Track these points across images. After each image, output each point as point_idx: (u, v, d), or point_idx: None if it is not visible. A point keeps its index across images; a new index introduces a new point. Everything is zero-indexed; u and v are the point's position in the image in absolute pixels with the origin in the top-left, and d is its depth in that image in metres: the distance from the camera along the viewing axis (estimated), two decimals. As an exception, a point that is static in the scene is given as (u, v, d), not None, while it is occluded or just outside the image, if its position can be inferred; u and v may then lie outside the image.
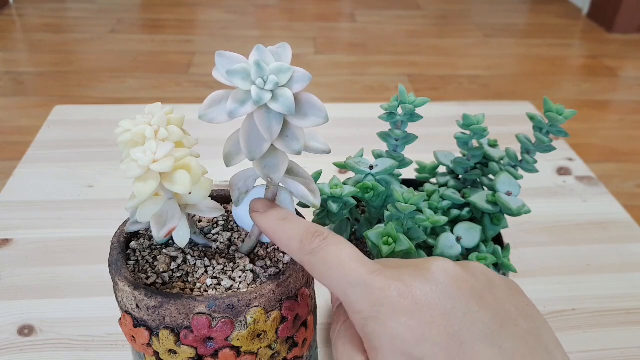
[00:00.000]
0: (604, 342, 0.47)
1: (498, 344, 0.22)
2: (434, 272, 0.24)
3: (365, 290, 0.23)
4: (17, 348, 0.44)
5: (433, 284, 0.23)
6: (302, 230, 0.26)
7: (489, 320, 0.22)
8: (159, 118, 0.26)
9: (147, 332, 0.28)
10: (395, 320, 0.22)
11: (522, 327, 0.23)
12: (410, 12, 2.02)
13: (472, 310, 0.22)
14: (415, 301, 0.22)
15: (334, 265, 0.24)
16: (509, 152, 0.39)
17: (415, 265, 0.25)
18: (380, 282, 0.23)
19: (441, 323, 0.22)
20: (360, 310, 0.23)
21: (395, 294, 0.22)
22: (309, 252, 0.25)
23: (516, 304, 0.24)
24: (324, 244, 0.25)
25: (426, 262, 0.25)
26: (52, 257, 0.54)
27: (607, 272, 0.55)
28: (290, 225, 0.27)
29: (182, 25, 1.80)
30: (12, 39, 1.64)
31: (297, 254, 0.26)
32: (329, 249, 0.25)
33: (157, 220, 0.27)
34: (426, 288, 0.23)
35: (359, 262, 0.24)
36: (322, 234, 0.26)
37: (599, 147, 1.18)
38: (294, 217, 0.28)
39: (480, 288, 0.24)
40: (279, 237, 0.27)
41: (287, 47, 0.25)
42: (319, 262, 0.25)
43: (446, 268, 0.24)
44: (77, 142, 0.72)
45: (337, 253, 0.25)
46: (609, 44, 1.79)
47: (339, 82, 1.46)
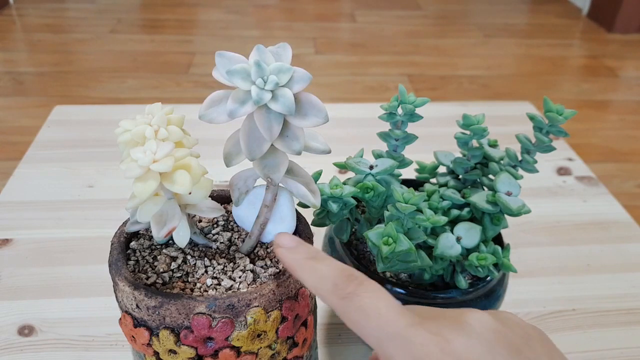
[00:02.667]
0: (604, 342, 0.47)
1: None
2: (473, 325, 0.23)
3: (405, 345, 0.22)
4: (17, 348, 0.44)
5: (474, 338, 0.23)
6: (335, 272, 0.25)
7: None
8: (159, 118, 0.26)
9: (147, 332, 0.28)
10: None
11: None
12: (410, 12, 2.02)
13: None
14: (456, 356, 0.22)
15: (371, 314, 0.23)
16: (509, 152, 0.39)
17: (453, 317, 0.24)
18: (421, 336, 0.22)
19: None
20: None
21: (437, 350, 0.22)
22: (344, 297, 0.24)
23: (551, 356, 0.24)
24: (360, 290, 0.24)
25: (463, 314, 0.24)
26: (52, 257, 0.54)
27: (607, 272, 0.55)
28: (322, 266, 0.26)
29: (182, 25, 1.80)
30: (12, 39, 1.64)
31: (329, 297, 0.25)
32: (365, 296, 0.24)
33: (157, 220, 0.27)
34: (467, 343, 0.22)
35: (397, 313, 0.23)
36: (357, 278, 0.25)
37: (599, 147, 1.18)
38: (325, 256, 0.27)
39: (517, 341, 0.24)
40: (308, 277, 0.26)
41: (287, 47, 0.25)
42: (355, 309, 0.24)
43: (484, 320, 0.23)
44: (77, 142, 0.72)
45: (375, 301, 0.24)
46: (609, 44, 1.79)
47: (339, 82, 1.46)
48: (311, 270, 0.26)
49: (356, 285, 0.24)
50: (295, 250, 0.27)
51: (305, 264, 0.26)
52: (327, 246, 0.42)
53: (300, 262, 0.26)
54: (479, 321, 0.23)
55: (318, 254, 0.27)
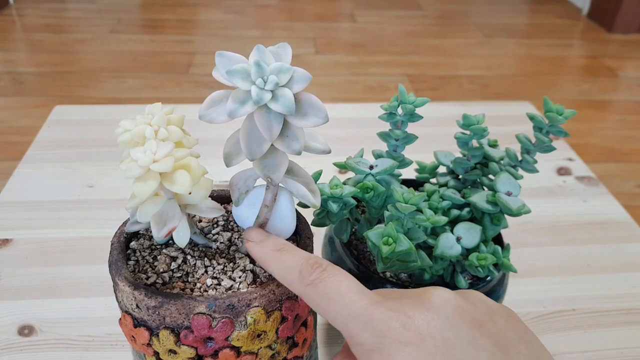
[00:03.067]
0: (604, 342, 0.47)
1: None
2: (434, 301, 0.24)
3: (367, 322, 0.23)
4: (17, 348, 0.44)
5: (435, 313, 0.23)
6: (300, 261, 0.26)
7: (492, 347, 0.23)
8: (159, 118, 0.26)
9: (147, 332, 0.28)
10: (399, 352, 0.22)
11: (523, 354, 0.23)
12: (410, 12, 2.02)
13: (475, 338, 0.23)
14: (418, 332, 0.22)
15: (334, 297, 0.24)
16: (509, 152, 0.39)
17: (416, 295, 0.25)
18: (382, 313, 0.23)
19: (445, 352, 0.22)
20: (362, 342, 0.23)
21: (397, 325, 0.23)
22: (308, 283, 0.25)
23: (516, 331, 0.24)
24: (324, 276, 0.25)
25: (426, 292, 0.25)
26: (52, 257, 0.54)
27: (607, 272, 0.55)
28: (288, 256, 0.27)
29: (182, 25, 1.80)
30: (12, 39, 1.64)
31: (295, 285, 0.26)
32: (328, 281, 0.25)
33: (157, 220, 0.27)
34: (428, 318, 0.23)
35: (359, 294, 0.24)
36: (320, 265, 0.26)
37: (599, 147, 1.18)
38: (290, 247, 0.28)
39: (480, 316, 0.24)
40: (276, 268, 0.27)
41: (287, 47, 0.25)
42: (319, 294, 0.25)
43: (446, 297, 0.24)
44: (77, 142, 0.72)
45: (337, 285, 0.24)
46: (609, 44, 1.79)
47: (339, 82, 1.46)
48: (278, 261, 0.27)
49: (320, 271, 0.25)
50: (263, 244, 0.28)
51: (273, 255, 0.27)
52: (327, 246, 0.42)
53: (267, 254, 0.27)
54: (441, 297, 0.24)
55: (285, 245, 0.28)
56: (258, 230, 0.29)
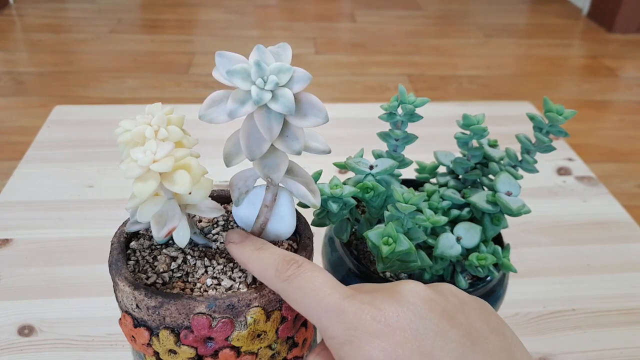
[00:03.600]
0: (604, 342, 0.47)
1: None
2: (405, 294, 0.24)
3: (339, 315, 0.23)
4: (17, 348, 0.44)
5: (405, 306, 0.23)
6: (277, 259, 0.27)
7: (461, 338, 0.23)
8: (159, 118, 0.26)
9: (147, 332, 0.28)
10: (369, 344, 0.22)
11: (494, 344, 0.23)
12: (410, 12, 2.02)
13: (444, 329, 0.23)
14: (387, 323, 0.23)
15: (308, 291, 0.25)
16: (509, 152, 0.39)
17: (387, 289, 0.25)
18: (353, 306, 0.23)
19: (414, 343, 0.22)
20: (334, 335, 0.23)
21: (368, 317, 0.23)
22: (284, 279, 0.26)
23: (487, 322, 0.25)
24: (299, 272, 0.26)
25: (397, 285, 0.25)
26: (52, 257, 0.54)
27: (607, 272, 0.55)
28: (266, 254, 0.27)
29: (182, 25, 1.80)
30: (12, 39, 1.64)
31: (272, 282, 0.26)
32: (304, 276, 0.25)
33: (157, 220, 0.27)
34: (398, 310, 0.23)
35: (332, 288, 0.25)
36: (296, 261, 0.26)
37: (599, 147, 1.18)
38: (269, 246, 0.28)
39: (451, 308, 0.24)
40: (255, 266, 0.27)
41: (287, 47, 0.25)
42: (294, 289, 0.25)
43: (417, 290, 0.24)
44: (77, 142, 0.72)
45: (311, 280, 0.25)
46: (609, 44, 1.79)
47: (339, 82, 1.46)
48: (256, 260, 0.27)
49: (295, 267, 0.26)
50: (243, 244, 0.29)
51: (251, 255, 0.28)
52: (327, 246, 0.42)
53: (246, 254, 0.28)
54: (412, 291, 0.24)
55: (264, 245, 0.28)
56: (238, 232, 0.30)
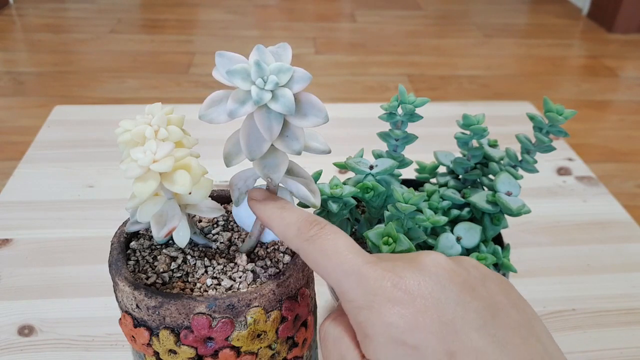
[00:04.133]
0: (604, 342, 0.47)
1: (491, 333, 0.22)
2: (427, 264, 0.24)
3: (360, 280, 0.23)
4: (17, 348, 0.44)
5: (426, 275, 0.23)
6: (300, 218, 0.26)
7: (482, 310, 0.23)
8: (159, 118, 0.26)
9: (147, 332, 0.28)
10: (389, 309, 0.22)
11: (514, 318, 0.23)
12: (410, 12, 2.02)
13: (465, 300, 0.23)
14: (408, 291, 0.23)
15: (330, 253, 0.24)
16: (509, 152, 0.39)
17: (409, 258, 0.25)
18: (375, 272, 0.23)
19: (434, 312, 0.22)
20: (353, 299, 0.23)
21: (389, 284, 0.23)
22: (306, 239, 0.25)
23: (508, 296, 0.25)
24: (322, 233, 0.25)
25: (420, 255, 0.25)
26: (52, 257, 0.54)
27: (607, 272, 0.55)
28: (288, 213, 0.27)
29: (182, 25, 1.80)
30: (12, 39, 1.64)
31: (294, 240, 0.26)
32: (326, 238, 0.25)
33: (157, 220, 0.27)
34: (419, 279, 0.23)
35: (355, 252, 0.24)
36: (319, 223, 0.26)
37: (599, 147, 1.17)
38: (292, 206, 0.28)
39: (472, 280, 0.24)
40: (277, 225, 0.27)
41: (287, 47, 0.25)
42: (315, 250, 0.25)
43: (439, 261, 0.24)
44: (77, 142, 0.72)
45: (334, 242, 0.25)
46: (609, 44, 1.79)
47: (339, 82, 1.46)
48: (279, 218, 0.27)
49: (318, 229, 0.26)
50: (266, 202, 0.28)
51: (274, 213, 0.27)
52: (327, 246, 0.42)
53: (269, 212, 0.28)
54: (434, 261, 0.24)
55: (286, 204, 0.28)
56: (261, 190, 0.29)
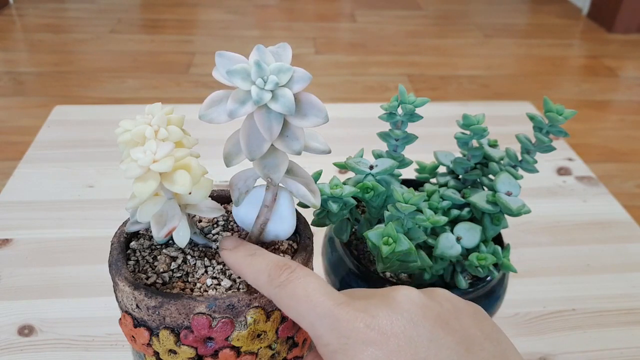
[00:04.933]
0: (604, 342, 0.47)
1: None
2: (399, 301, 0.24)
3: (333, 323, 0.23)
4: (17, 348, 0.44)
5: (398, 313, 0.23)
6: (270, 264, 0.26)
7: (455, 345, 0.23)
8: (159, 118, 0.26)
9: (147, 332, 0.28)
10: (363, 352, 0.22)
11: (489, 351, 0.23)
12: (410, 12, 2.02)
13: (438, 336, 0.23)
14: (381, 331, 0.23)
15: (301, 297, 0.24)
16: (509, 152, 0.39)
17: (381, 295, 0.25)
18: (347, 314, 0.23)
19: (408, 350, 0.22)
20: (328, 343, 0.23)
21: (361, 325, 0.23)
22: (277, 285, 0.25)
23: (482, 328, 0.25)
24: (292, 277, 0.25)
25: (392, 291, 0.25)
26: (52, 257, 0.54)
27: (607, 272, 0.55)
28: (258, 260, 0.27)
29: (182, 25, 1.80)
30: (12, 39, 1.64)
31: (265, 287, 0.26)
32: (296, 282, 0.25)
33: (157, 220, 0.27)
34: (392, 317, 0.23)
35: (325, 295, 0.24)
36: (289, 267, 0.26)
37: (599, 147, 1.18)
38: (262, 252, 0.28)
39: (445, 314, 0.24)
40: (248, 272, 0.27)
41: (287, 47, 0.25)
42: (287, 295, 0.25)
43: (411, 297, 0.24)
44: (77, 142, 0.72)
45: (304, 286, 0.25)
46: (609, 44, 1.79)
47: (339, 82, 1.46)
48: (249, 266, 0.27)
49: (288, 273, 0.25)
50: (236, 250, 0.28)
51: (244, 261, 0.27)
52: (327, 246, 0.42)
53: (239, 261, 0.28)
54: (406, 297, 0.24)
55: (257, 250, 0.28)
56: (232, 239, 0.29)
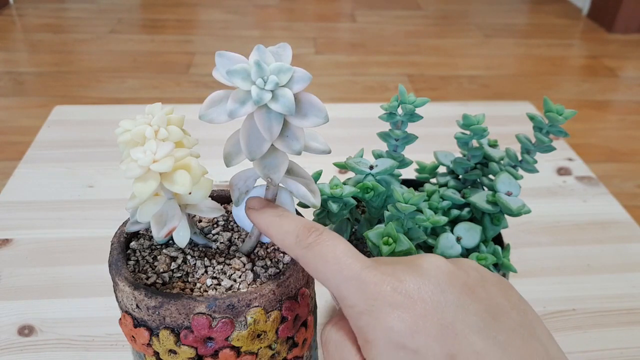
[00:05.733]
0: (604, 342, 0.47)
1: (492, 335, 0.22)
2: (426, 268, 0.24)
3: (359, 285, 0.23)
4: (17, 348, 0.44)
5: (426, 278, 0.23)
6: (298, 226, 0.27)
7: (482, 312, 0.23)
8: (159, 118, 0.26)
9: (147, 332, 0.28)
10: (390, 314, 0.22)
11: (515, 320, 0.23)
12: (410, 12, 2.02)
13: (465, 303, 0.23)
14: (408, 295, 0.23)
15: (329, 259, 0.25)
16: (509, 152, 0.39)
17: (408, 261, 0.25)
18: (374, 277, 0.23)
19: (434, 315, 0.22)
20: (354, 304, 0.23)
21: (388, 288, 0.23)
22: (305, 246, 0.26)
23: (508, 298, 0.25)
24: (320, 239, 0.25)
25: (419, 259, 0.25)
26: (52, 257, 0.54)
27: (607, 272, 0.55)
28: (286, 221, 0.27)
29: (182, 25, 1.80)
30: (12, 39, 1.64)
31: (292, 248, 0.26)
32: (324, 244, 0.25)
33: (157, 220, 0.27)
34: (419, 282, 0.23)
35: (353, 258, 0.24)
36: (317, 229, 0.26)
37: (599, 147, 1.17)
38: (289, 213, 0.28)
39: (472, 283, 0.24)
40: (275, 233, 0.27)
41: (287, 47, 0.25)
42: (314, 256, 0.25)
43: (438, 264, 0.24)
44: (77, 142, 0.72)
45: (332, 248, 0.25)
46: (609, 44, 1.79)
47: (339, 82, 1.46)
48: (277, 226, 0.27)
49: (316, 235, 0.26)
50: (263, 210, 0.28)
51: (272, 221, 0.28)
52: (327, 246, 0.42)
53: (267, 221, 0.28)
54: (433, 264, 0.24)
55: (284, 212, 0.28)
56: (259, 199, 0.30)
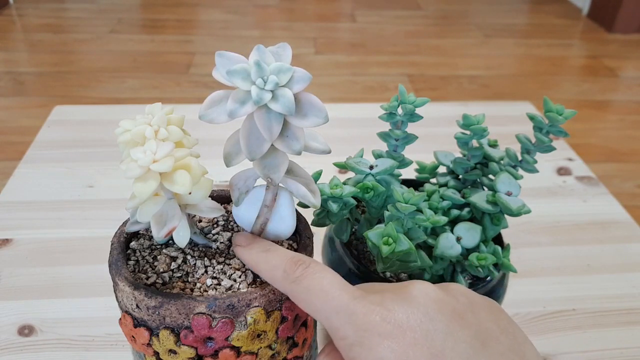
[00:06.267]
0: (604, 342, 0.47)
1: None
2: (415, 295, 0.24)
3: (349, 316, 0.23)
4: (17, 348, 0.44)
5: (414, 306, 0.23)
6: (284, 260, 0.27)
7: (471, 339, 0.23)
8: (159, 118, 0.26)
9: (147, 332, 0.28)
10: (380, 344, 0.22)
11: (504, 344, 0.23)
12: (410, 12, 2.02)
13: (454, 330, 0.23)
14: (397, 324, 0.23)
15: (317, 292, 0.25)
16: (509, 152, 0.39)
17: (397, 289, 0.25)
18: (363, 307, 0.23)
19: (424, 344, 0.22)
20: (344, 336, 0.23)
21: (377, 318, 0.23)
22: (292, 280, 0.26)
23: (497, 322, 0.25)
24: (307, 272, 0.26)
25: (408, 286, 0.25)
26: (52, 257, 0.54)
27: (607, 272, 0.55)
28: (273, 255, 0.27)
29: (182, 25, 1.80)
30: (12, 39, 1.64)
31: (280, 283, 0.26)
32: (311, 277, 0.25)
33: (157, 220, 0.27)
34: (408, 311, 0.23)
35: (341, 289, 0.24)
36: (304, 262, 0.26)
37: (599, 147, 1.17)
38: (276, 247, 0.28)
39: (461, 309, 0.24)
40: (263, 268, 0.27)
41: (287, 47, 0.25)
42: (303, 290, 0.25)
43: (427, 291, 0.24)
44: (77, 142, 0.72)
45: (319, 280, 0.25)
46: (609, 44, 1.79)
47: (339, 82, 1.46)
48: (264, 262, 0.27)
49: (303, 268, 0.26)
50: (250, 247, 0.29)
51: (259, 257, 0.28)
52: (327, 246, 0.42)
53: (254, 257, 0.28)
54: (421, 291, 0.24)
55: (271, 246, 0.28)
56: (245, 235, 0.30)
